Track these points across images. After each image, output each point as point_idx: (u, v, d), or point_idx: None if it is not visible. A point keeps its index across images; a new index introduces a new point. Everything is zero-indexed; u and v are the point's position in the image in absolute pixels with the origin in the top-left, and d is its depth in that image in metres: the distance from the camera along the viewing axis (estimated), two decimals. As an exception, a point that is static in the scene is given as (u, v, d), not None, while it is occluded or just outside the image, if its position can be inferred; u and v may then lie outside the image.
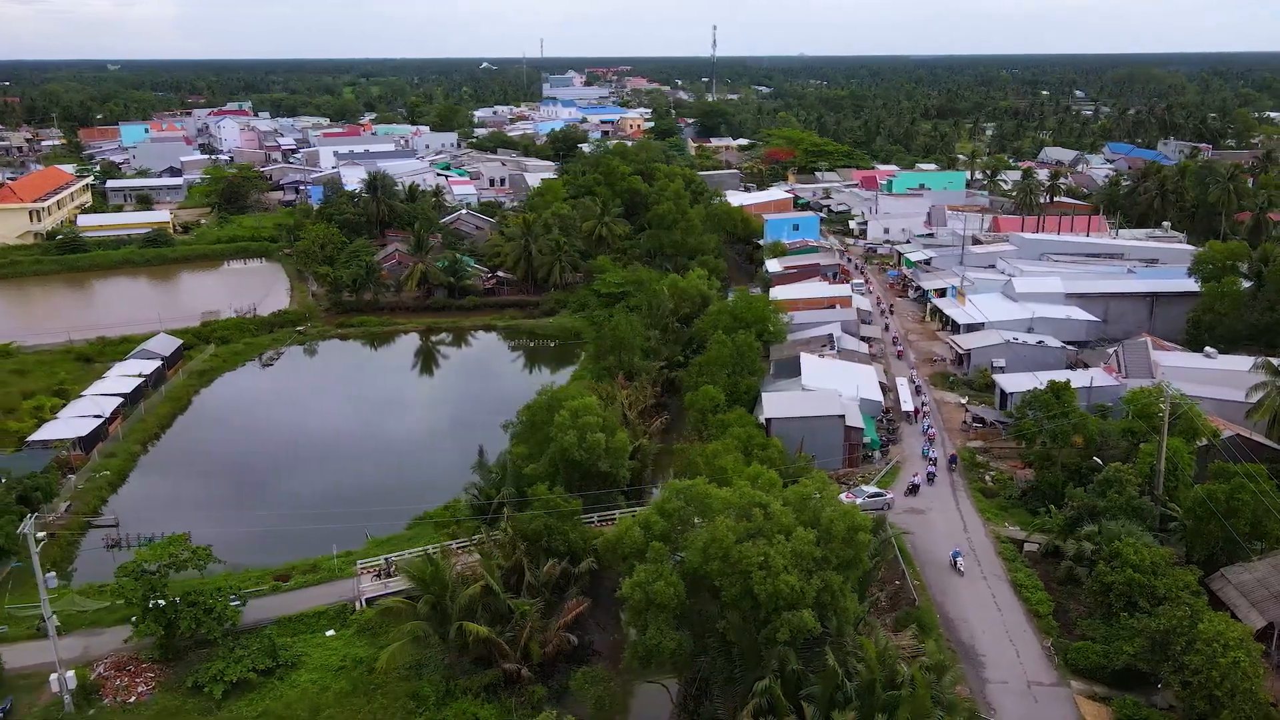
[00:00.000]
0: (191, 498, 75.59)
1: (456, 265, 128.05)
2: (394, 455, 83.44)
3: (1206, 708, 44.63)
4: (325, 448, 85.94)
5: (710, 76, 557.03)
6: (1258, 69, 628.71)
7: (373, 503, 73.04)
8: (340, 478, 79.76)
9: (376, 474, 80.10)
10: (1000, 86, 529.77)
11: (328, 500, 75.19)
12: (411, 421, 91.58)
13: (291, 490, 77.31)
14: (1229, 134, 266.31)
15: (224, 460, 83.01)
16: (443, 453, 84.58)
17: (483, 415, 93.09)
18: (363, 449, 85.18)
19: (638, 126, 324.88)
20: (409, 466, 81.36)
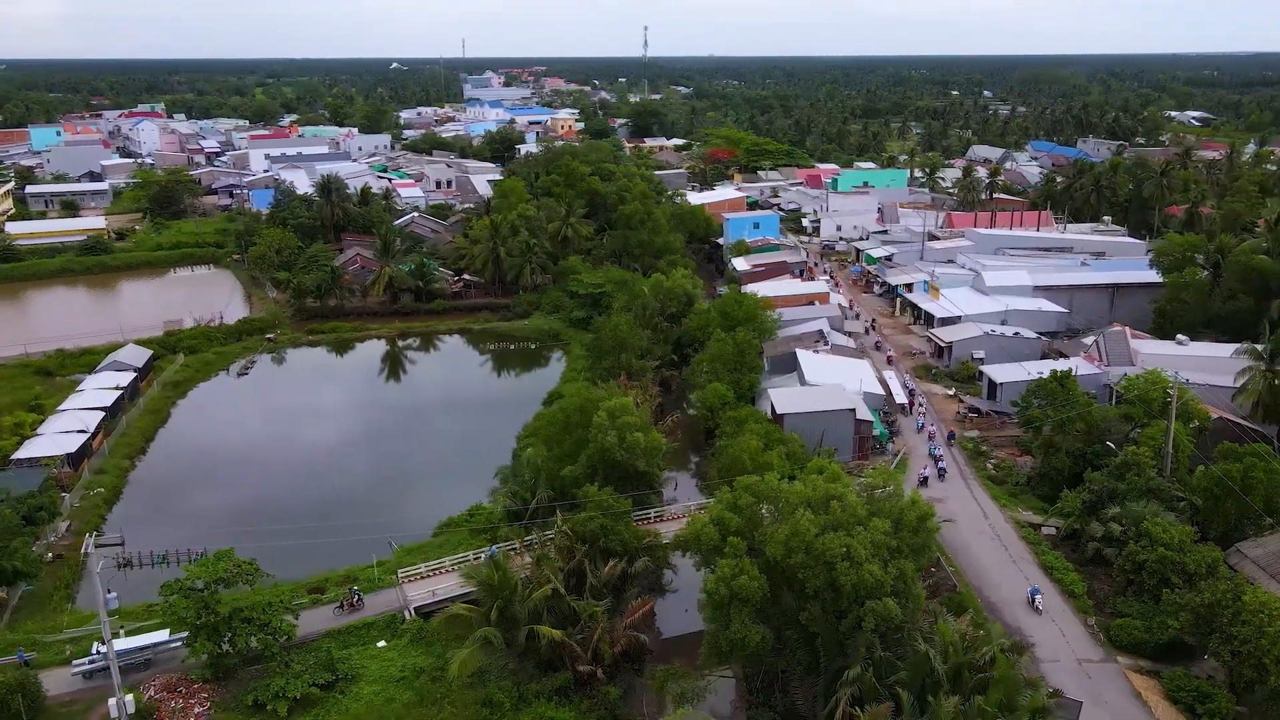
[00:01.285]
0: (193, 512, 73.21)
1: (424, 269, 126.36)
2: (395, 462, 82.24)
3: (1254, 675, 47.22)
4: (320, 456, 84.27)
5: (643, 77, 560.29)
6: (1150, 70, 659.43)
7: (385, 511, 71.90)
8: (343, 486, 78.24)
9: (381, 482, 78.85)
10: (914, 86, 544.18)
11: (335, 510, 73.69)
12: (407, 426, 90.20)
13: (294, 501, 75.55)
14: (1139, 132, 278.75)
15: (218, 472, 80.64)
16: (446, 457, 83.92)
17: (479, 418, 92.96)
18: (361, 456, 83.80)
19: (569, 127, 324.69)
20: (414, 472, 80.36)
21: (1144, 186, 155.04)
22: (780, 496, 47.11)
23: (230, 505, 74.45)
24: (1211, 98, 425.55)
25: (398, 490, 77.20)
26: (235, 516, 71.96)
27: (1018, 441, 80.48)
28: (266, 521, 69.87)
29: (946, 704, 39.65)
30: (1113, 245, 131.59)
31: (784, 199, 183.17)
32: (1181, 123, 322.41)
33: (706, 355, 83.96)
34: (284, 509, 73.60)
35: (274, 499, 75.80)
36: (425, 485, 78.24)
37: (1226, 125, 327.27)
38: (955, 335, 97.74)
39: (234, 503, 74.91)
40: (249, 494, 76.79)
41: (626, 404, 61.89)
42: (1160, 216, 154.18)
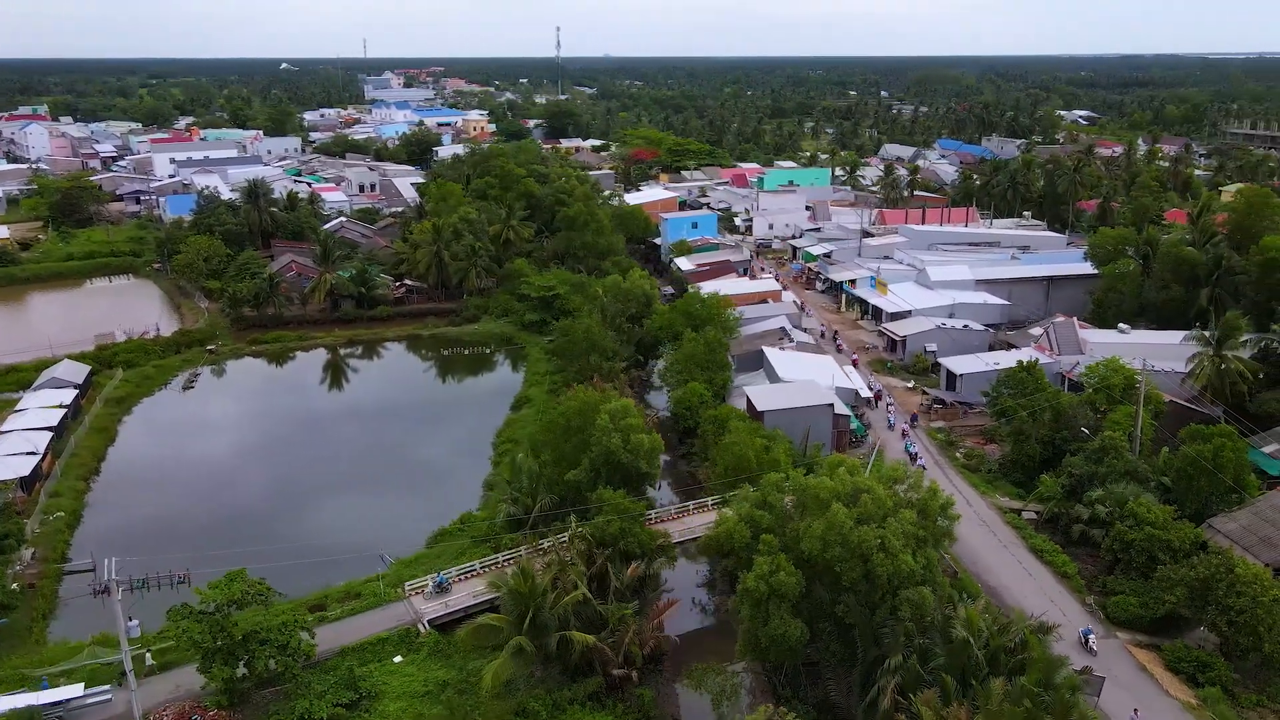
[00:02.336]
0: (163, 533, 69.91)
1: (365, 275, 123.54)
2: (366, 473, 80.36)
3: (1250, 643, 50.23)
4: (286, 469, 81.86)
5: (556, 78, 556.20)
6: (1031, 72, 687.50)
7: (366, 524, 70.50)
8: (316, 500, 76.23)
9: (355, 493, 77.04)
10: (814, 87, 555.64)
11: (313, 525, 72.12)
12: (372, 436, 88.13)
13: (267, 517, 73.14)
14: (1036, 130, 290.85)
15: (181, 491, 77.41)
16: (420, 466, 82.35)
17: (447, 425, 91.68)
18: (329, 468, 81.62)
19: (481, 129, 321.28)
20: (388, 483, 78.59)
21: (1058, 182, 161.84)
22: (812, 492, 47.83)
23: (201, 525, 71.49)
24: (1095, 98, 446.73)
25: (376, 501, 75.48)
26: (208, 536, 68.98)
27: (982, 431, 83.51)
28: (242, 540, 67.26)
29: (995, 686, 40.99)
30: (1036, 239, 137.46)
31: (713, 198, 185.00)
32: (1071, 121, 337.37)
33: (679, 355, 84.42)
34: (258, 526, 71.22)
35: (246, 516, 73.15)
36: (404, 495, 76.63)
37: (1111, 124, 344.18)
38: (908, 329, 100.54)
39: (204, 522, 71.98)
40: (218, 512, 73.91)
41: (628, 405, 61.87)
42: (1073, 211, 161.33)
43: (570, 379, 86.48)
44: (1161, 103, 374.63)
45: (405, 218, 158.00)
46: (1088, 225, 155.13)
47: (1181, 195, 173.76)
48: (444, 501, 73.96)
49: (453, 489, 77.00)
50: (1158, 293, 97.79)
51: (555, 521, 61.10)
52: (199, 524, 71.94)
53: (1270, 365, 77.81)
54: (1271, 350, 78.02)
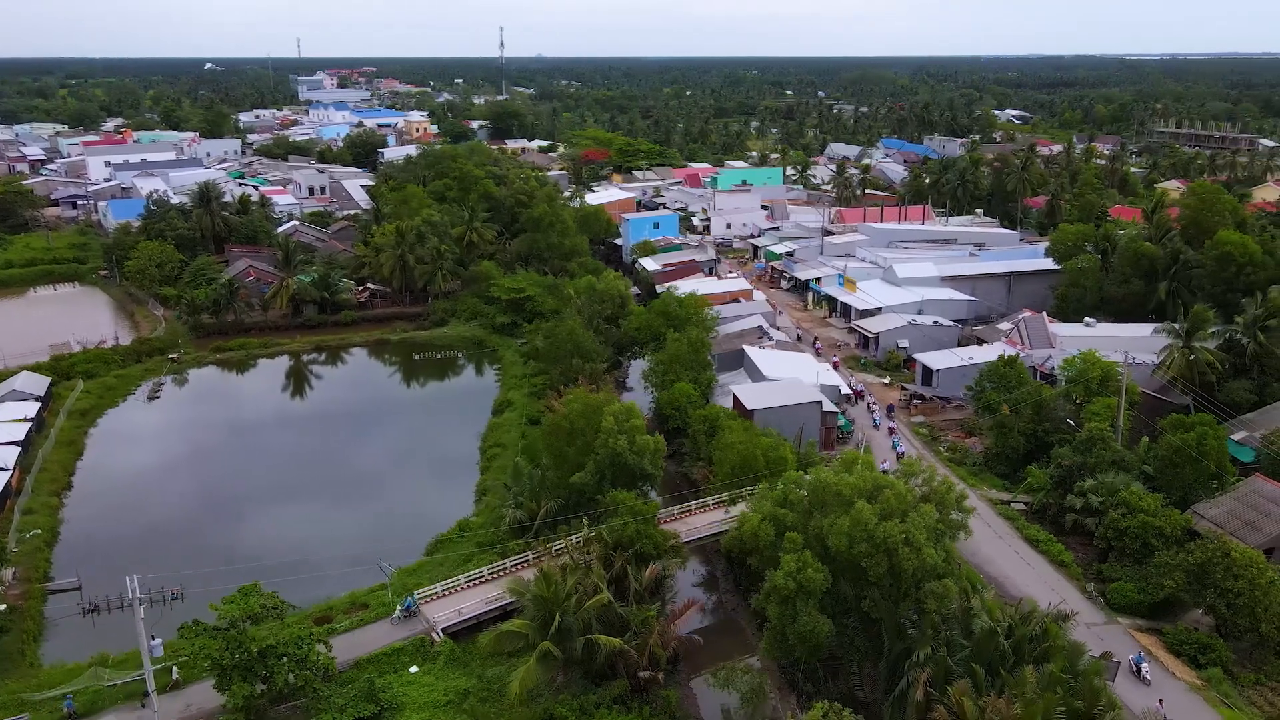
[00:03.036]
0: (145, 549, 68.02)
1: (328, 280, 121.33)
2: (351, 481, 78.99)
3: (1248, 623, 52.15)
4: (265, 480, 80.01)
5: (499, 78, 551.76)
6: (961, 72, 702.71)
7: (357, 532, 69.45)
8: (301, 510, 74.67)
9: (341, 503, 75.63)
10: (751, 87, 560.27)
11: (302, 536, 70.50)
12: (351, 443, 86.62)
13: (253, 530, 71.45)
14: (974, 130, 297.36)
15: (158, 505, 75.28)
16: (406, 473, 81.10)
17: (427, 430, 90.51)
18: (310, 477, 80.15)
19: (424, 130, 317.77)
20: (375, 491, 77.33)
21: (1007, 180, 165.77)
22: (834, 489, 48.35)
23: (185, 539, 69.59)
24: (1025, 97, 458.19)
25: (365, 510, 74.21)
26: (195, 551, 67.31)
27: (961, 424, 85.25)
28: (230, 553, 65.84)
29: (1028, 674, 41.90)
30: (990, 236, 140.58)
31: (668, 199, 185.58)
32: (1005, 120, 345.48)
33: (664, 355, 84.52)
34: (245, 538, 69.68)
35: (231, 529, 71.42)
36: (393, 503, 75.45)
37: (1043, 123, 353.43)
38: (880, 326, 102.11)
39: (188, 536, 70.09)
40: (202, 526, 72.02)
41: (632, 407, 61.81)
42: (1021, 208, 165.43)
43: (555, 382, 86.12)
44: (1090, 102, 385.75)
45: (361, 221, 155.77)
46: (1036, 222, 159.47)
47: (1120, 192, 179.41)
48: (436, 508, 73.11)
49: (443, 495, 76.11)
50: (1118, 287, 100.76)
51: (561, 525, 60.94)
52: (183, 538, 70.04)
53: (1235, 355, 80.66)
54: (1235, 341, 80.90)
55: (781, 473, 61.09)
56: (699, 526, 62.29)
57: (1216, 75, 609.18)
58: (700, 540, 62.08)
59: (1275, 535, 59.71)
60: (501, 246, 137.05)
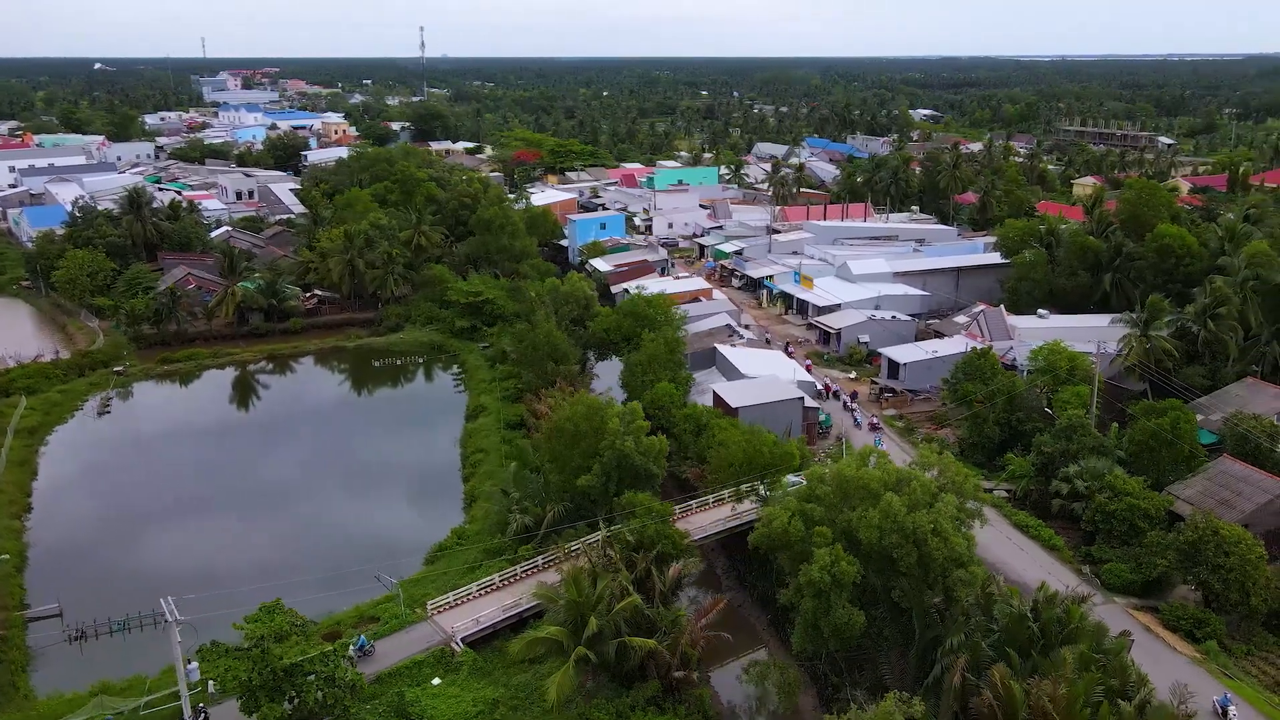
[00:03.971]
0: (125, 570, 65.46)
1: (275, 286, 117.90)
2: (331, 493, 77.28)
3: (1239, 597, 54.83)
4: (240, 495, 77.23)
5: (421, 79, 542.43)
6: (869, 72, 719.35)
7: (351, 547, 67.80)
8: (285, 525, 72.57)
9: (327, 517, 73.66)
10: (666, 87, 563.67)
11: (290, 551, 68.63)
12: (324, 454, 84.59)
13: (234, 546, 68.92)
14: (893, 129, 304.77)
15: (127, 524, 72.42)
16: (387, 482, 79.06)
17: (400, 438, 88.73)
18: (289, 492, 77.76)
19: (343, 132, 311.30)
20: (360, 502, 75.52)
21: (939, 178, 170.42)
22: (860, 482, 49.10)
23: (161, 559, 67.22)
24: (933, 97, 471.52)
25: (351, 521, 72.42)
26: (174, 571, 65.02)
27: (932, 416, 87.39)
28: (212, 572, 64.03)
29: (1066, 655, 43.29)
30: (930, 232, 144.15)
31: (607, 199, 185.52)
32: (920, 120, 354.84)
33: (641, 356, 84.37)
34: (227, 556, 67.40)
35: (209, 547, 68.87)
36: (379, 513, 73.69)
37: (953, 122, 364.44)
38: (842, 322, 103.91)
39: (164, 556, 67.67)
40: (177, 544, 69.43)
41: (636, 409, 61.72)
42: (952, 205, 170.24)
43: (532, 385, 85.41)
44: (998, 102, 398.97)
45: (298, 225, 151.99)
46: (968, 218, 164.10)
47: (1041, 188, 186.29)
48: (424, 517, 72.00)
49: (429, 503, 74.92)
50: (1066, 279, 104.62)
51: (568, 529, 60.57)
52: (159, 558, 67.61)
53: (1187, 343, 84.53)
54: (1187, 329, 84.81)
55: (787, 469, 62.06)
56: (704, 525, 62.56)
57: (1105, 76, 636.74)
58: (706, 539, 62.34)
59: (1250, 512, 62.67)
60: (448, 250, 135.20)
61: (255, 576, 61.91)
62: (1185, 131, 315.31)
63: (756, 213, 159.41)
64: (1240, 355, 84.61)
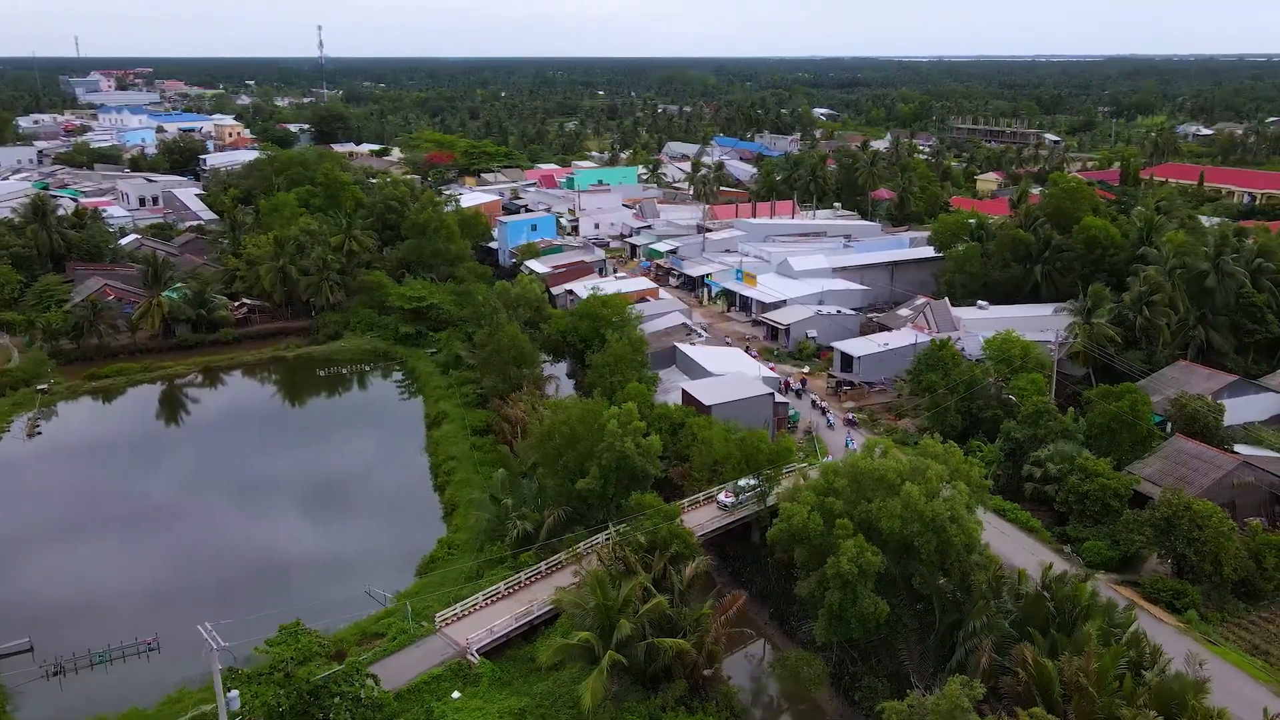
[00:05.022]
0: (95, 600, 61.95)
1: (203, 296, 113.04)
2: (299, 509, 74.58)
3: (1212, 568, 58.08)
4: (203, 515, 73.70)
5: (321, 79, 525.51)
6: (761, 71, 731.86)
7: (333, 563, 66.01)
8: (257, 544, 69.53)
9: (299, 533, 71.13)
10: (564, 87, 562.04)
11: (269, 570, 66.07)
12: (283, 468, 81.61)
13: (206, 570, 65.71)
14: (796, 127, 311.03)
15: (84, 550, 68.33)
16: (357, 495, 76.88)
17: (361, 449, 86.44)
18: (254, 509, 74.68)
19: (238, 135, 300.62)
20: (331, 516, 73.33)
21: (857, 175, 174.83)
22: (877, 474, 50.15)
23: (129, 587, 64.07)
24: (828, 97, 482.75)
25: (326, 536, 70.27)
26: (144, 598, 62.27)
27: (889, 407, 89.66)
28: (185, 598, 61.24)
29: (1091, 631, 45.17)
30: (856, 228, 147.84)
31: (529, 200, 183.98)
32: (818, 119, 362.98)
33: (608, 356, 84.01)
34: (200, 580, 64.41)
35: (177, 571, 65.71)
36: (355, 526, 71.64)
37: (850, 120, 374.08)
38: (790, 318, 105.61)
39: (130, 583, 64.48)
40: (142, 571, 66.29)
41: (631, 409, 61.55)
42: (870, 201, 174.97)
43: (498, 390, 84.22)
44: (892, 101, 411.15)
45: (213, 232, 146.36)
46: (886, 213, 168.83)
47: (952, 185, 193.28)
48: (403, 529, 70.56)
49: (405, 515, 73.28)
50: (999, 271, 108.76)
51: (569, 534, 60.07)
52: (127, 586, 64.36)
53: (1124, 329, 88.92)
54: (1124, 316, 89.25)
55: (784, 464, 62.93)
56: (702, 522, 62.78)
57: (984, 76, 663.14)
58: (704, 536, 62.54)
59: (1207, 487, 66.34)
60: (379, 255, 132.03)
61: (240, 598, 59.70)
62: (1066, 129, 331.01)
63: (683, 211, 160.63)
64: (1170, 339, 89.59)
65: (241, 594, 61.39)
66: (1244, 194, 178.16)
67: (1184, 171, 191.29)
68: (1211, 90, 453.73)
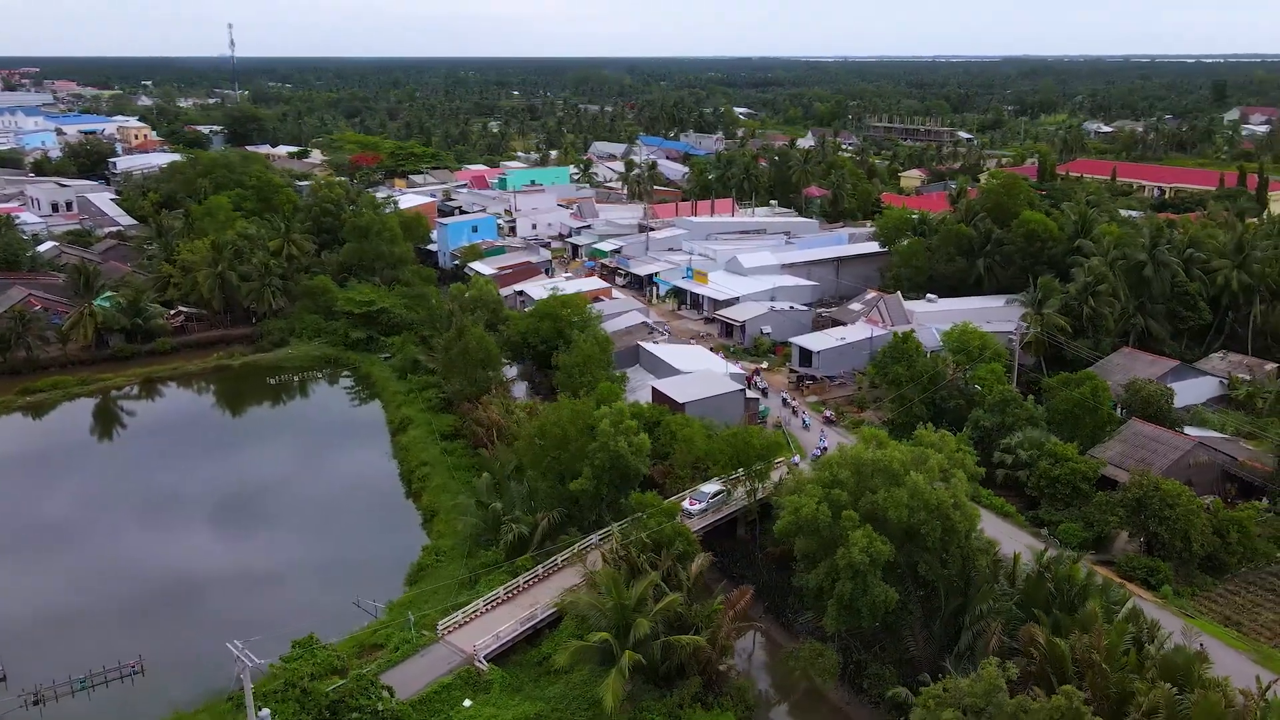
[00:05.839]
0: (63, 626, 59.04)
1: (139, 305, 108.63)
2: (267, 520, 72.28)
3: (1182, 545, 60.73)
4: (170, 531, 70.85)
5: (233, 80, 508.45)
6: (674, 71, 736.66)
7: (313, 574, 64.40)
8: (232, 560, 67.11)
9: (273, 546, 69.06)
10: (478, 88, 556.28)
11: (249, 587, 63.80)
12: (245, 480, 78.73)
13: (183, 588, 63.26)
14: (719, 126, 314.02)
15: (48, 574, 65.25)
16: (328, 506, 74.70)
17: (325, 460, 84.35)
18: (223, 523, 72.17)
19: (145, 137, 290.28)
20: (305, 528, 71.26)
21: (790, 172, 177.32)
22: (882, 464, 51.00)
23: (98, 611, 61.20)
24: (742, 96, 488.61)
25: (304, 548, 68.24)
26: (118, 621, 59.80)
27: (851, 400, 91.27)
28: (165, 619, 59.03)
29: (1095, 610, 46.76)
30: (795, 225, 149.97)
31: (463, 202, 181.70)
32: (740, 118, 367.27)
33: (576, 358, 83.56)
34: (176, 599, 61.95)
35: (151, 591, 62.98)
36: (332, 537, 69.57)
37: (769, 119, 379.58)
38: (745, 314, 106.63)
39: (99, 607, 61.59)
40: (113, 591, 63.24)
41: (623, 409, 61.41)
42: (804, 198, 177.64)
43: (465, 393, 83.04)
44: (809, 100, 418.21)
45: (136, 238, 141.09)
46: (820, 210, 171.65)
47: (879, 182, 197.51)
48: (382, 538, 69.11)
49: (381, 523, 71.77)
50: (944, 265, 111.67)
51: (563, 536, 59.63)
52: (93, 606, 61.52)
53: (1072, 318, 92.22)
54: (1071, 306, 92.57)
55: (775, 458, 63.57)
56: (692, 519, 62.88)
57: (890, 75, 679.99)
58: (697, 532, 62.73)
59: (1165, 468, 69.25)
60: (318, 259, 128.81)
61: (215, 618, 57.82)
62: (977, 127, 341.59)
63: (623, 211, 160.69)
64: (1113, 327, 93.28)
65: (219, 611, 59.38)
66: (1154, 188, 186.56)
67: (1097, 167, 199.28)
68: (1106, 90, 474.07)
